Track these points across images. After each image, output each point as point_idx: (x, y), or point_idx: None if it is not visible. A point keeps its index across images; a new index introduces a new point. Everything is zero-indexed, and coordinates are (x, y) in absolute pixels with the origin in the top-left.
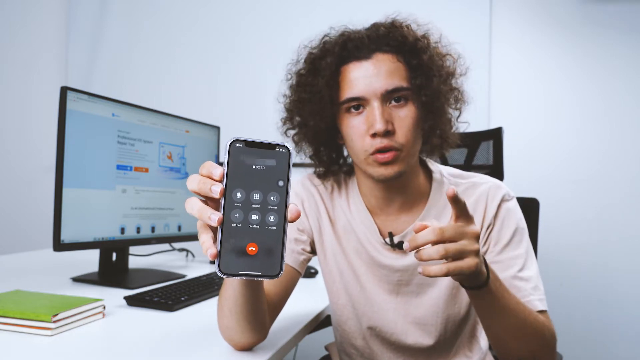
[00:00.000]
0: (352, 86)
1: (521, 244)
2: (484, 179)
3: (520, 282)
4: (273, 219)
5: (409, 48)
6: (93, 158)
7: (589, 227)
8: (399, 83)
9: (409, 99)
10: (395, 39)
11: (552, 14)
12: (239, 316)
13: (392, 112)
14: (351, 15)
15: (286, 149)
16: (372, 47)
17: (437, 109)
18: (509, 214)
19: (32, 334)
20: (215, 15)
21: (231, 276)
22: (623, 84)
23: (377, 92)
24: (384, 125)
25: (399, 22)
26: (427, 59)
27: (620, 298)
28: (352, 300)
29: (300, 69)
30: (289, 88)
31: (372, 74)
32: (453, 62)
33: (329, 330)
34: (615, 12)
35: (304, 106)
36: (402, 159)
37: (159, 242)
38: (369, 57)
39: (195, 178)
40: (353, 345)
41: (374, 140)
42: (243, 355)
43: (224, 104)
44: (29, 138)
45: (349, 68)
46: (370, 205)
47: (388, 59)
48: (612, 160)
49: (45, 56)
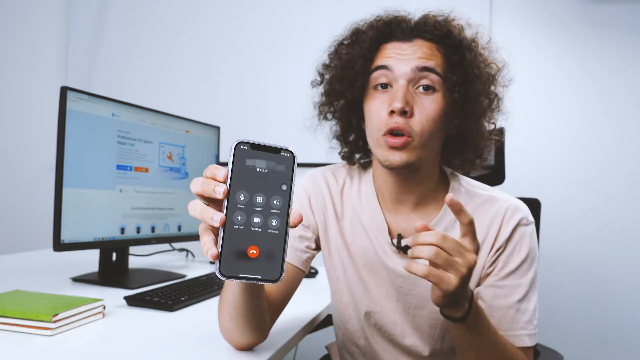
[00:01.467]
0: (385, 57)
1: (528, 273)
2: (504, 197)
3: (516, 313)
4: (275, 223)
5: (453, 42)
6: (93, 158)
7: (589, 227)
8: (432, 65)
9: (438, 89)
10: (441, 30)
11: (552, 14)
12: (239, 319)
13: (416, 97)
14: (351, 15)
15: (291, 154)
16: (415, 32)
17: (468, 110)
18: (523, 239)
19: (32, 334)
20: (215, 15)
21: (231, 278)
22: (623, 84)
23: (407, 70)
24: (402, 103)
25: (451, 19)
26: (469, 58)
27: (622, 297)
28: (354, 299)
29: (342, 39)
30: (327, 54)
31: (406, 52)
32: (497, 70)
33: (329, 330)
34: (615, 12)
35: (335, 73)
36: (412, 148)
37: (159, 242)
38: (409, 40)
39: (198, 180)
40: (355, 344)
41: (390, 119)
42: (243, 355)
43: (224, 104)
44: (29, 138)
45: (387, 46)
46: (383, 201)
47: (427, 46)
48: (612, 159)
49: (45, 56)
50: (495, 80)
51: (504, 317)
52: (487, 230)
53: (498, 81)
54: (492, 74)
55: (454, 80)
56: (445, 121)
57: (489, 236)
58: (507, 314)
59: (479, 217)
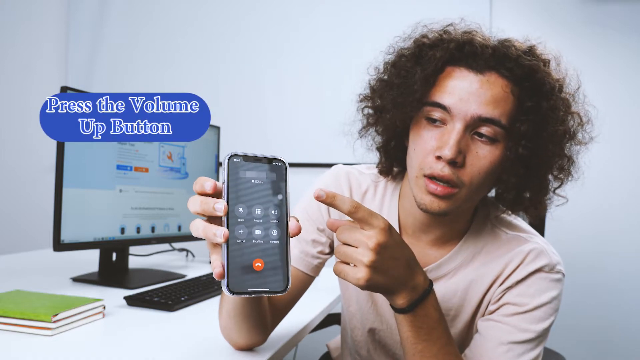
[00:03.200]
0: (446, 92)
1: (540, 323)
2: (532, 239)
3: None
4: (276, 233)
5: (532, 85)
6: (93, 158)
7: (591, 227)
8: (498, 116)
9: (499, 139)
10: (522, 68)
11: (553, 14)
12: (237, 318)
13: (471, 145)
14: (351, 15)
15: (282, 163)
16: (490, 63)
17: (533, 167)
18: (541, 285)
19: (32, 334)
20: (215, 15)
21: (241, 294)
22: (623, 84)
23: (468, 114)
24: (453, 153)
25: (538, 52)
26: (548, 107)
27: (625, 299)
28: (361, 311)
29: (404, 49)
30: (384, 63)
31: (473, 91)
32: (579, 124)
33: (329, 330)
34: (615, 12)
35: (390, 90)
36: (455, 200)
37: (159, 242)
38: (480, 72)
39: (195, 200)
40: (358, 353)
41: (436, 164)
42: (243, 355)
43: (224, 104)
44: (29, 138)
45: (454, 72)
46: (405, 225)
47: (501, 85)
48: (612, 159)
49: (45, 56)
50: (575, 138)
51: (492, 351)
52: (502, 268)
53: (577, 137)
54: (572, 129)
55: (522, 131)
56: (499, 174)
57: (503, 273)
58: (495, 350)
59: (499, 255)
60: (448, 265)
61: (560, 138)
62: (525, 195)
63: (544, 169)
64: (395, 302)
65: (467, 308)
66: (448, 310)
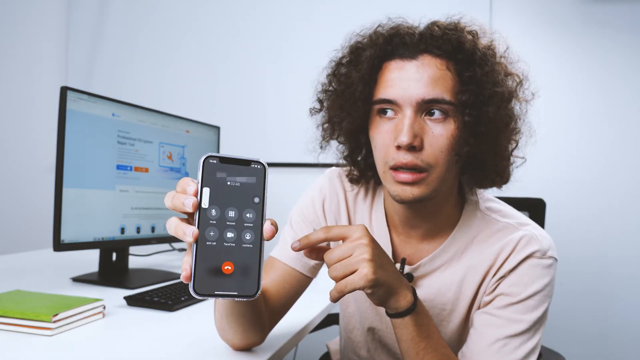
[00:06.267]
0: (387, 87)
1: (533, 312)
2: (523, 227)
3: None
4: (249, 237)
5: (465, 56)
6: (93, 158)
7: (593, 227)
8: (440, 94)
9: (450, 115)
10: (450, 43)
11: (552, 13)
12: (230, 318)
13: (425, 126)
14: (351, 15)
15: (261, 165)
16: (420, 47)
17: (483, 134)
18: (533, 272)
19: (32, 334)
20: (215, 15)
21: (206, 297)
22: (623, 84)
23: (412, 100)
24: (409, 138)
25: (462, 26)
26: (483, 73)
27: (625, 299)
28: (360, 311)
29: (341, 57)
30: (326, 75)
31: (412, 77)
32: (517, 83)
33: (329, 330)
34: (615, 12)
35: (335, 98)
36: (427, 183)
37: (159, 242)
38: (413, 58)
39: (170, 194)
40: (357, 354)
41: (397, 154)
42: (243, 355)
43: (224, 104)
44: (29, 138)
45: (390, 66)
46: (393, 224)
47: (435, 64)
48: (613, 159)
49: (45, 56)
50: (515, 96)
51: (488, 348)
52: (495, 258)
53: (518, 96)
54: (510, 89)
55: (465, 100)
56: (462, 147)
57: (496, 263)
58: (491, 346)
59: (491, 244)
60: (441, 257)
61: (500, 100)
62: (488, 165)
63: (493, 133)
64: (399, 303)
65: (463, 301)
66: (444, 305)
